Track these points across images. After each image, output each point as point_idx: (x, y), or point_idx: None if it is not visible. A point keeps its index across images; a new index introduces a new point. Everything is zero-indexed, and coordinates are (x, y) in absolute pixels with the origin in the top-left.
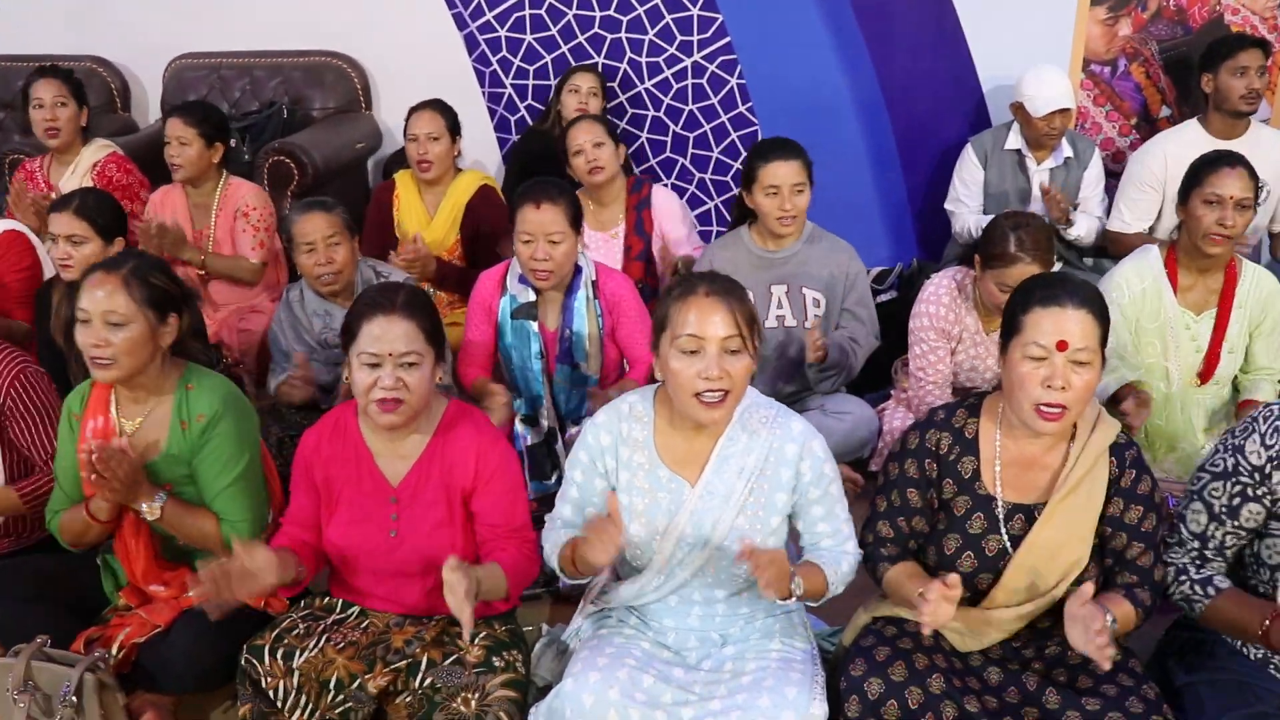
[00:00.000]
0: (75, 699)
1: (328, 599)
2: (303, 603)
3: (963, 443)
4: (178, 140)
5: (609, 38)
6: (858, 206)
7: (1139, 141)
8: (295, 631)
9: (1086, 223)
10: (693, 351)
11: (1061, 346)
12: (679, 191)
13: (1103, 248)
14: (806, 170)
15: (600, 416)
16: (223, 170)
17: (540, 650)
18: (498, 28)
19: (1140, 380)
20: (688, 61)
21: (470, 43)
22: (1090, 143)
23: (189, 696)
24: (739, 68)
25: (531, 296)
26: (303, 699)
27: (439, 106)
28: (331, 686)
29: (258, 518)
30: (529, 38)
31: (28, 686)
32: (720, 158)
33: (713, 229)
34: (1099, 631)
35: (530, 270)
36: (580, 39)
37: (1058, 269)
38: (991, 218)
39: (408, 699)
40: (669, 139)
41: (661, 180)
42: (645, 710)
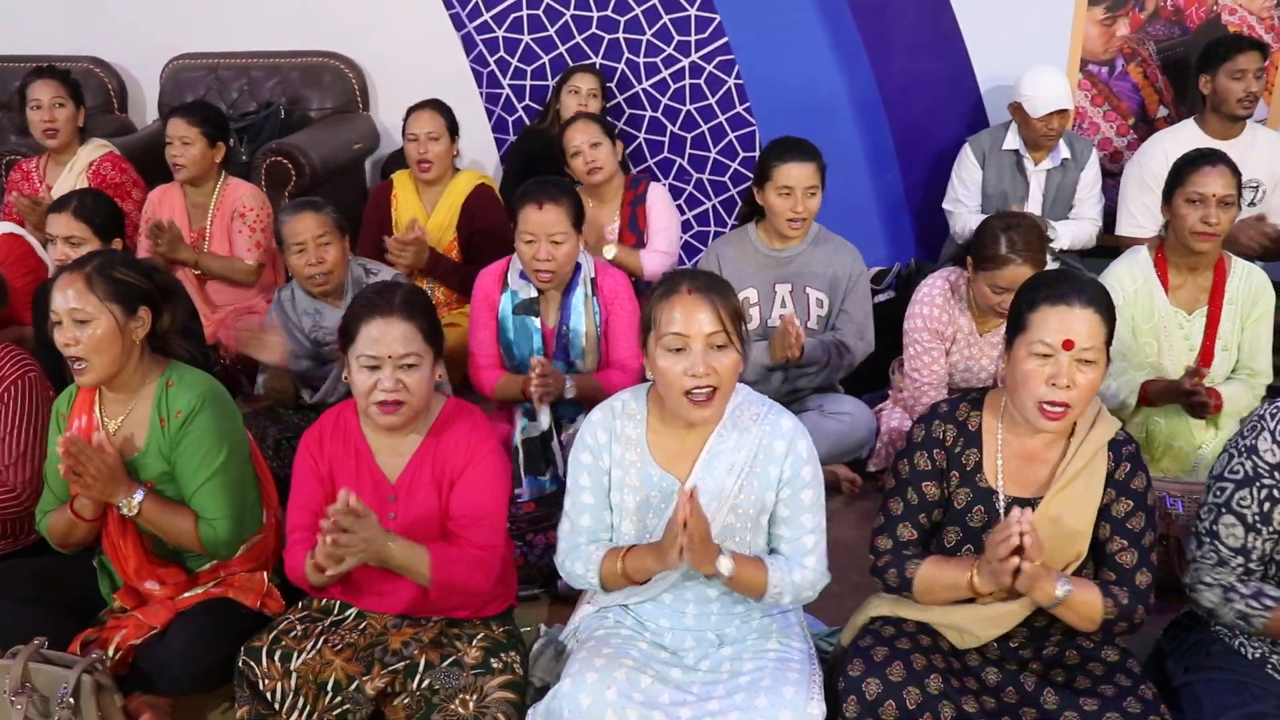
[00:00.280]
0: (72, 700)
1: (325, 600)
2: (300, 604)
3: (966, 435)
4: (180, 140)
5: (606, 38)
6: (856, 206)
7: (1136, 142)
8: (293, 633)
9: (1073, 230)
10: (679, 349)
11: (1068, 345)
12: (676, 191)
13: (1107, 250)
14: (820, 173)
15: (595, 415)
16: (222, 171)
17: (538, 651)
18: (495, 28)
19: (1162, 378)
20: (685, 62)
21: (468, 43)
22: (1088, 143)
23: (186, 698)
24: (736, 68)
25: (533, 293)
26: (300, 700)
27: (438, 106)
28: (329, 688)
29: (237, 516)
30: (526, 38)
31: (25, 688)
32: (718, 158)
33: (710, 229)
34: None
35: (533, 270)
36: (578, 39)
37: (1057, 268)
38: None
39: (405, 700)
40: (666, 139)
41: (660, 180)
42: (643, 710)
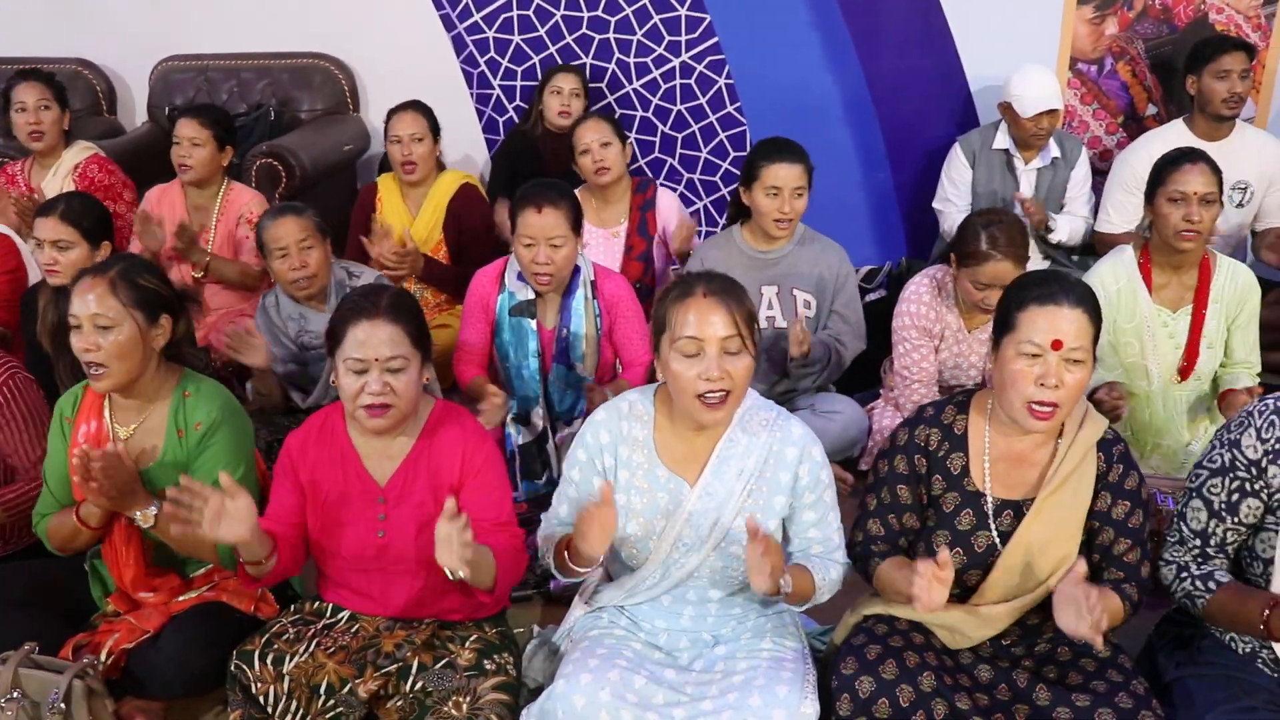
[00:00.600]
0: (63, 706)
1: (318, 604)
2: (292, 608)
3: (952, 439)
4: (190, 141)
5: (597, 38)
6: (846, 206)
7: (1126, 140)
8: (285, 636)
9: (1069, 224)
10: (693, 354)
11: (1056, 345)
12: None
13: (1090, 246)
14: (808, 174)
15: (600, 414)
16: (225, 175)
17: (531, 652)
18: (485, 29)
19: (1118, 381)
20: (676, 62)
21: (458, 44)
22: (1077, 142)
23: (179, 702)
24: (727, 68)
25: (530, 294)
26: (293, 704)
27: (419, 107)
28: (322, 691)
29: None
30: (517, 38)
31: (15, 694)
32: (709, 158)
33: (702, 229)
34: (1091, 608)
35: (531, 274)
36: (568, 39)
37: (1046, 267)
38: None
39: (399, 703)
40: (657, 139)
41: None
42: (637, 711)
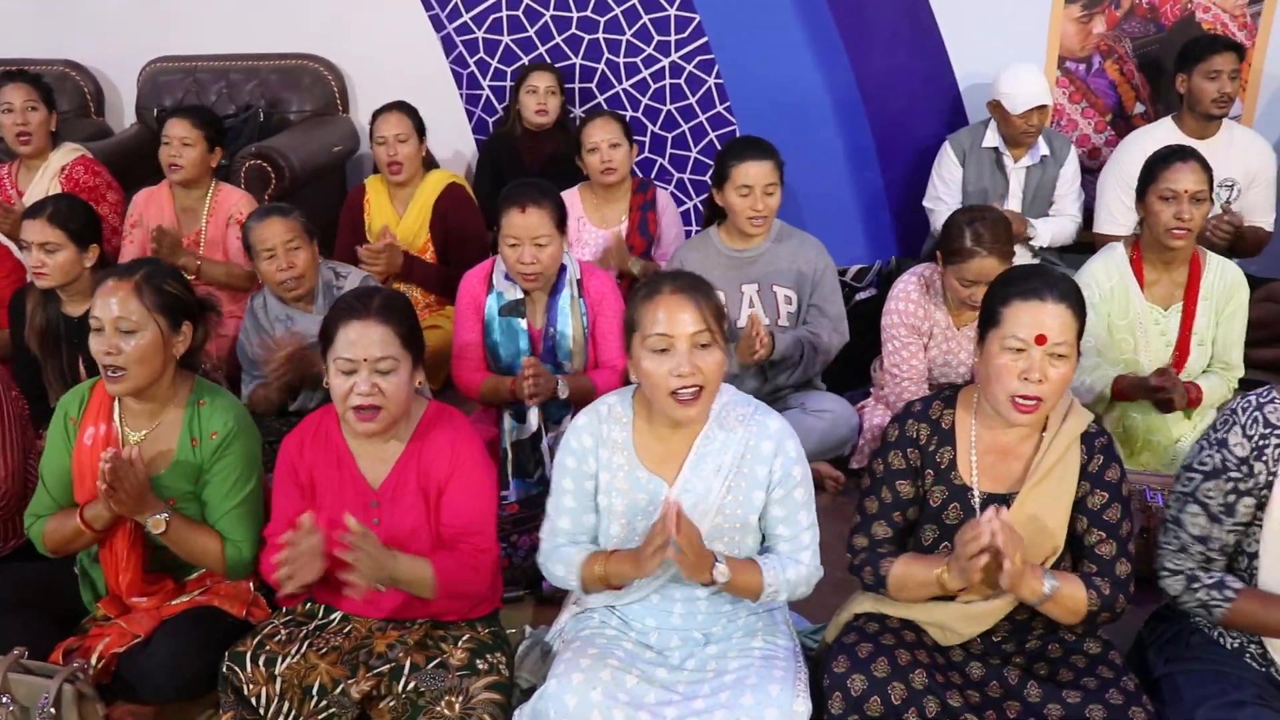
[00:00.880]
0: (53, 711)
1: (309, 604)
2: (284, 609)
3: (940, 433)
4: (180, 141)
5: (586, 38)
6: (836, 204)
7: (1114, 138)
8: (277, 638)
9: (1053, 227)
10: (663, 350)
11: (1040, 340)
12: None
13: (1081, 245)
14: (778, 171)
15: (581, 419)
16: (213, 176)
17: (524, 652)
18: (475, 29)
19: (1133, 374)
20: (665, 61)
21: (448, 44)
22: (1066, 140)
23: (170, 706)
24: (716, 67)
25: (519, 294)
26: (285, 705)
27: (404, 108)
28: (314, 692)
29: (258, 538)
30: (506, 39)
31: (4, 699)
32: (698, 157)
33: (693, 228)
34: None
35: (517, 273)
36: (557, 40)
37: (1037, 263)
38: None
39: (391, 704)
40: (647, 139)
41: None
42: (629, 711)
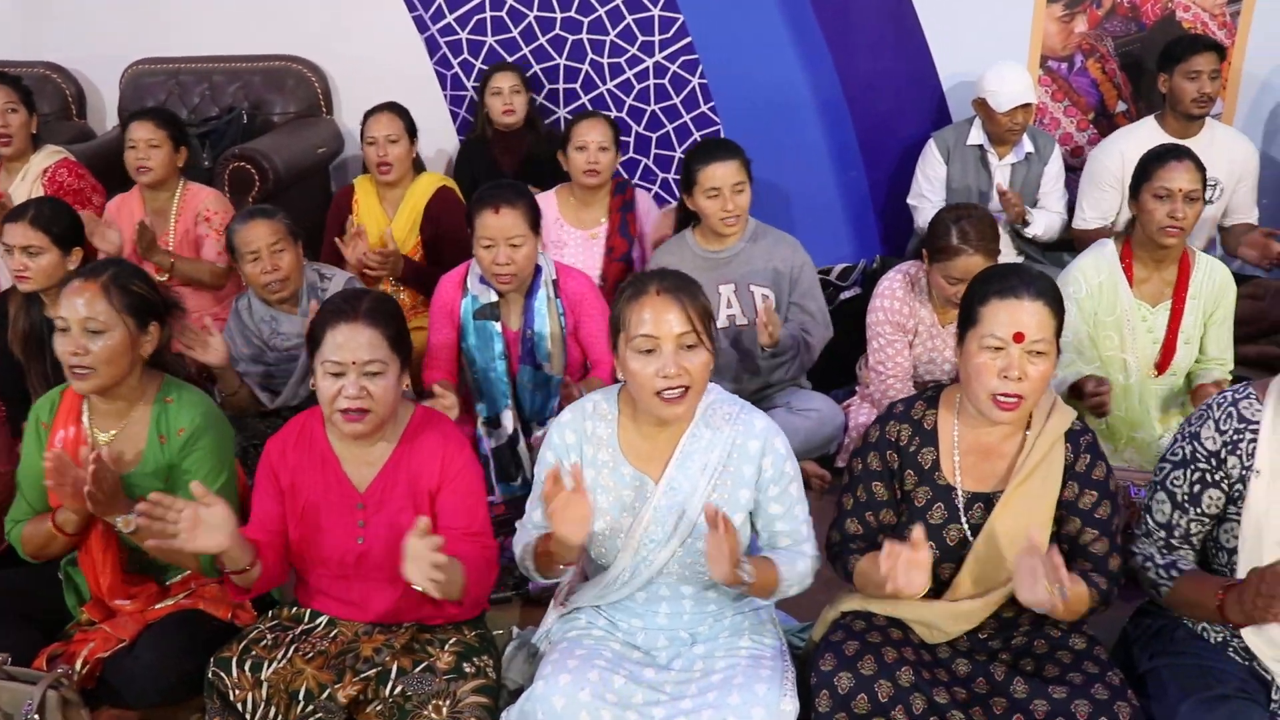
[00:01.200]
0: (37, 717)
1: (295, 609)
2: (270, 613)
3: (922, 434)
4: (146, 143)
5: (570, 39)
6: (821, 204)
7: (1097, 136)
8: (263, 642)
9: (1045, 220)
10: (649, 350)
11: (1018, 338)
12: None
13: (1062, 242)
14: (745, 169)
15: (565, 415)
16: (181, 176)
17: (511, 654)
18: (459, 30)
19: (1095, 374)
20: (649, 62)
21: (431, 46)
22: (1050, 138)
23: (155, 711)
24: (700, 68)
25: (493, 297)
26: (272, 710)
27: (396, 109)
28: (301, 697)
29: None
30: (490, 40)
31: None
32: (683, 158)
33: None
34: (1052, 571)
35: (492, 275)
36: (541, 40)
37: (1019, 262)
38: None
39: (378, 708)
40: (632, 139)
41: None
42: (616, 711)
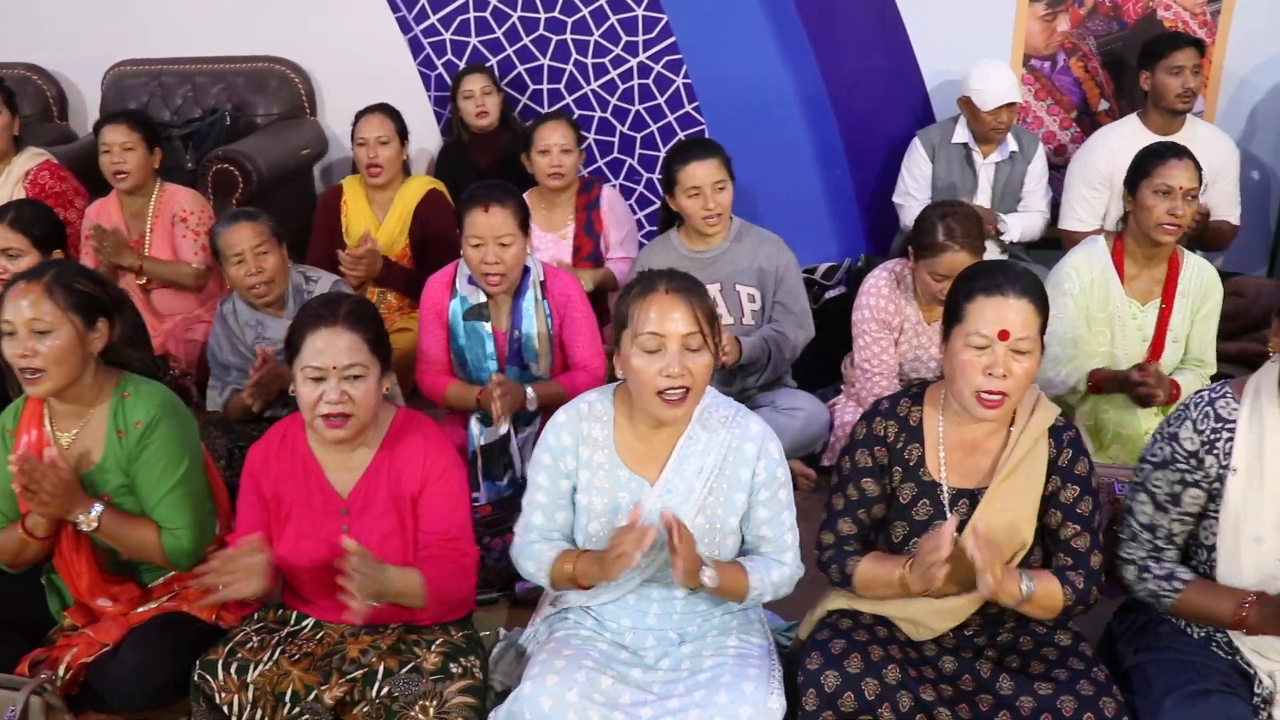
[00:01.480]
0: None
1: (281, 611)
2: (255, 615)
3: (908, 430)
4: (121, 146)
5: (554, 39)
6: (805, 203)
7: (1080, 135)
8: (249, 645)
9: (1021, 223)
10: (654, 350)
11: (1003, 336)
12: (627, 192)
13: (1048, 240)
14: (726, 167)
15: (560, 416)
16: (156, 178)
17: (498, 654)
18: (442, 31)
19: (1110, 368)
20: (633, 62)
21: (415, 46)
22: (1033, 137)
23: (141, 715)
24: (684, 67)
25: (482, 298)
26: (258, 713)
27: (387, 110)
28: (287, 699)
29: (199, 525)
30: (474, 40)
31: None
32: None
33: (657, 228)
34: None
35: (481, 274)
36: (525, 41)
37: (1002, 259)
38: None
39: (365, 709)
40: (616, 139)
41: (610, 181)
42: (604, 711)
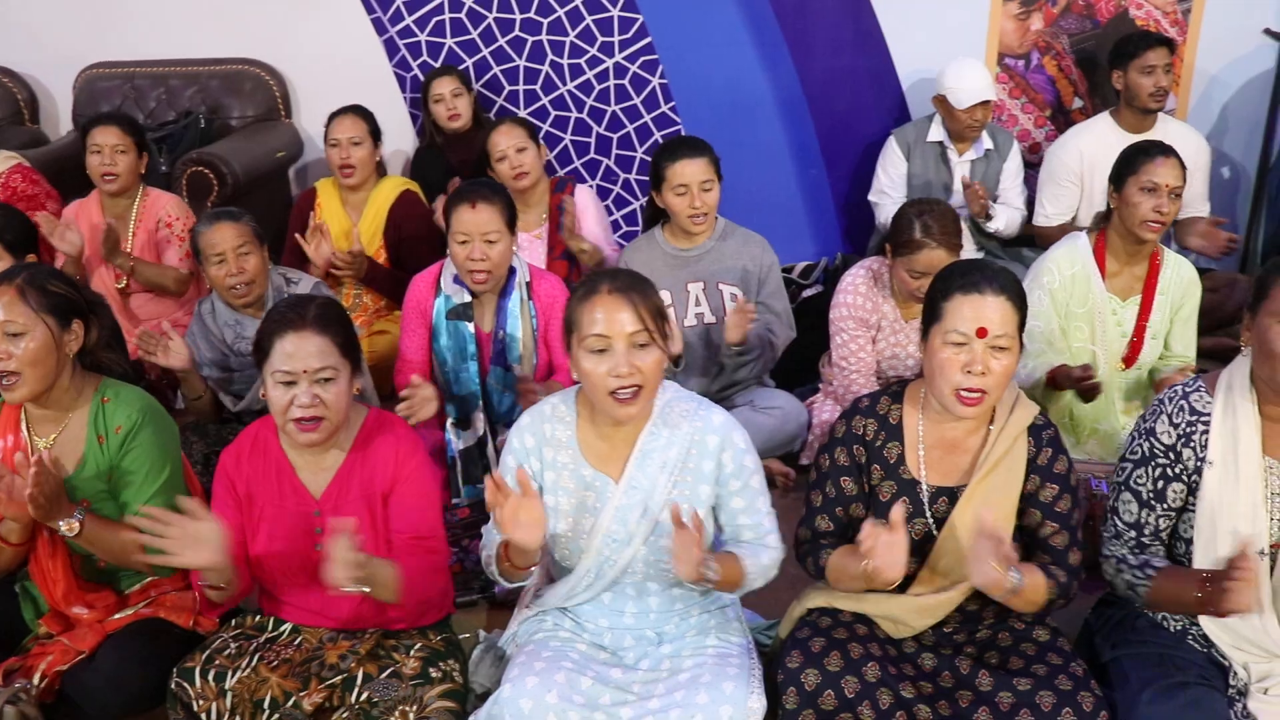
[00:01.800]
0: None
1: (259, 617)
2: (233, 622)
3: (887, 428)
4: (113, 149)
5: (530, 40)
6: (782, 203)
7: (1054, 133)
8: (226, 652)
9: (1006, 215)
10: (601, 350)
11: (981, 333)
12: (604, 192)
13: (1022, 238)
14: (714, 166)
15: (524, 419)
16: (140, 182)
17: (478, 657)
18: (418, 32)
19: (1066, 365)
20: (609, 63)
21: (390, 48)
22: (1009, 135)
23: None
24: (660, 68)
25: (467, 298)
26: None
27: (360, 111)
28: (266, 706)
29: None
30: (449, 42)
31: None
32: (644, 158)
33: (638, 228)
34: (998, 550)
35: (467, 272)
36: (501, 42)
37: (979, 257)
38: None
39: (345, 715)
40: (593, 140)
41: (586, 181)
42: (584, 712)
